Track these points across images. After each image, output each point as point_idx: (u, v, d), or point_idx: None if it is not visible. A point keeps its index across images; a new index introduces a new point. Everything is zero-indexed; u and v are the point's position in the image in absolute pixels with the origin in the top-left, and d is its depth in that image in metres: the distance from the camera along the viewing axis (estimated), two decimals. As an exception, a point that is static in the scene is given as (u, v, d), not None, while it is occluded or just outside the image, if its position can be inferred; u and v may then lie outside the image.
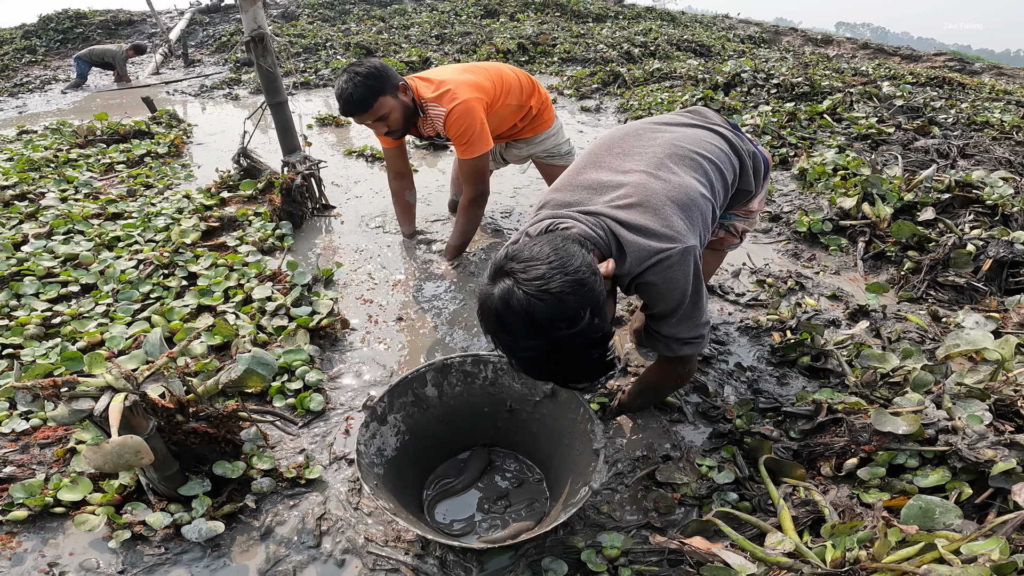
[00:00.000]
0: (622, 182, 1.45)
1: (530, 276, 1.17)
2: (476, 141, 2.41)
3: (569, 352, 1.22)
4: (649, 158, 1.51)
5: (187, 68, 8.54)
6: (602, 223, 1.37)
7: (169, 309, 2.34)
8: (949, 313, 2.31)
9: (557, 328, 1.17)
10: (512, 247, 1.26)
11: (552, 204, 1.47)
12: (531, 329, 1.17)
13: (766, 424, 1.84)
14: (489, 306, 1.21)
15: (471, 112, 2.37)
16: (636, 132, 1.63)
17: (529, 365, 1.28)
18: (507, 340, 1.23)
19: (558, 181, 1.56)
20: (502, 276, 1.21)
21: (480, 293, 1.27)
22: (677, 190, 1.43)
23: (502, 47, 7.77)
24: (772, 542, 1.44)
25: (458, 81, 2.44)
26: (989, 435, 1.60)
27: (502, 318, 1.19)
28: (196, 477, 1.62)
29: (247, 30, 3.00)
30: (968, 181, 2.92)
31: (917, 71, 6.92)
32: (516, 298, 1.16)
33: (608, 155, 1.56)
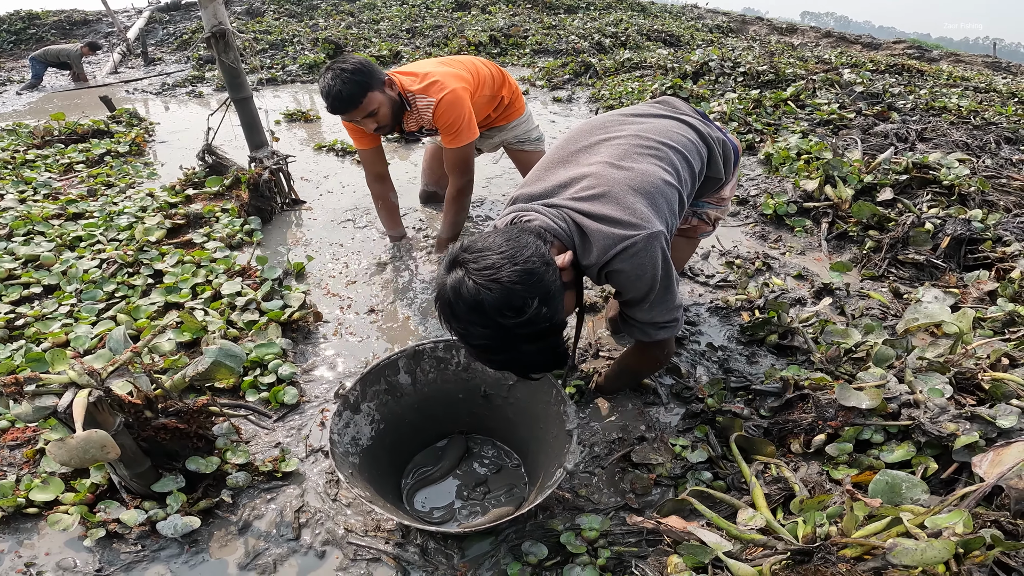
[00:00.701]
0: (585, 173, 1.47)
1: (480, 266, 1.21)
2: (464, 130, 2.43)
3: (517, 341, 1.25)
4: (613, 150, 1.53)
5: (147, 67, 8.32)
6: (564, 215, 1.40)
7: (135, 307, 2.29)
8: (910, 290, 2.39)
9: (504, 316, 1.20)
10: (468, 239, 1.30)
11: (521, 199, 1.51)
12: (479, 317, 1.21)
13: (737, 403, 1.88)
14: (443, 295, 1.25)
15: (460, 101, 2.39)
16: (603, 125, 1.65)
17: (482, 353, 1.31)
18: (459, 328, 1.26)
19: (528, 176, 1.59)
20: (455, 266, 1.25)
21: (436, 282, 1.30)
22: (640, 178, 1.44)
23: (474, 40, 7.74)
24: (744, 518, 1.47)
25: (442, 72, 2.46)
26: (950, 408, 1.63)
27: (453, 307, 1.23)
28: (169, 474, 1.60)
29: (207, 26, 2.95)
30: (925, 163, 3.02)
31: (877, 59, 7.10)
32: (466, 287, 1.20)
33: (575, 150, 1.59)
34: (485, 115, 2.73)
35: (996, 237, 2.58)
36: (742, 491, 1.63)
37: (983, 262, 2.52)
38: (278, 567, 1.51)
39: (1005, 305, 2.18)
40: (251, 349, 2.06)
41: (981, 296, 2.33)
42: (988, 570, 1.21)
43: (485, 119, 2.77)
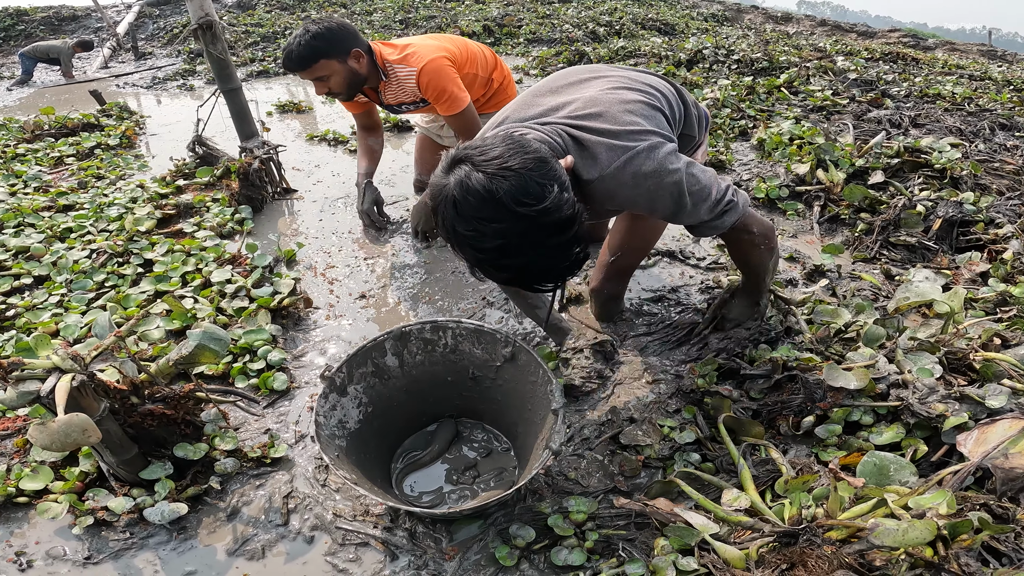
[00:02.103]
0: (577, 97, 1.43)
1: (488, 157, 1.10)
2: (457, 94, 2.39)
3: (539, 233, 1.12)
4: (604, 83, 1.51)
5: (138, 61, 8.27)
6: (558, 130, 1.33)
7: (125, 296, 2.29)
8: (902, 271, 2.38)
9: (523, 204, 1.08)
10: (464, 143, 1.21)
11: (507, 120, 1.45)
12: (494, 210, 1.08)
13: (727, 384, 1.87)
14: (445, 196, 1.12)
15: (442, 69, 2.37)
16: (591, 68, 1.65)
17: (497, 259, 1.15)
18: (467, 230, 1.12)
19: (515, 102, 1.53)
20: (457, 163, 1.13)
21: (432, 187, 1.17)
22: (632, 103, 1.41)
23: (467, 30, 7.70)
24: (728, 499, 1.46)
25: (422, 44, 2.46)
26: (939, 388, 1.62)
27: (460, 205, 1.10)
28: (157, 461, 1.59)
29: (194, 18, 2.95)
30: (917, 147, 3.01)
31: (872, 47, 7.07)
32: (475, 179, 1.09)
33: (565, 84, 1.56)
34: (475, 97, 2.71)
35: (988, 219, 2.58)
36: (731, 473, 1.62)
37: (975, 244, 2.52)
38: (266, 552, 1.51)
39: (996, 285, 2.19)
40: (240, 335, 2.06)
41: (973, 277, 2.33)
42: (976, 554, 1.20)
43: (475, 102, 2.74)
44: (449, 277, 2.58)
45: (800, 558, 1.23)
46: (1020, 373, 1.70)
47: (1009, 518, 1.27)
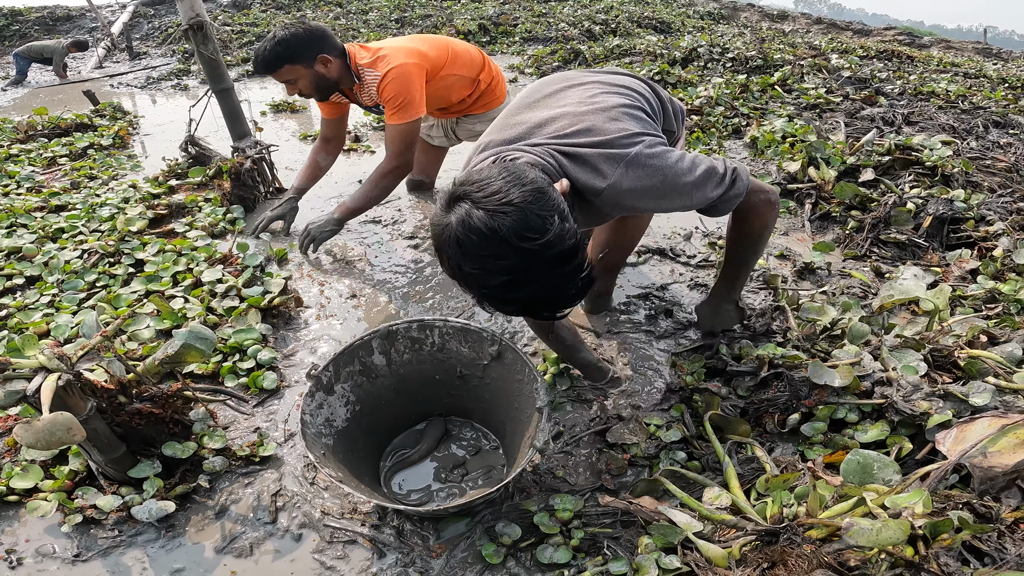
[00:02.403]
0: (559, 114, 1.43)
1: (486, 193, 1.10)
2: (407, 105, 2.38)
3: (544, 266, 1.13)
4: (581, 92, 1.51)
5: (132, 61, 8.27)
6: (550, 151, 1.34)
7: (116, 296, 2.29)
8: (892, 269, 2.39)
9: (526, 240, 1.09)
10: (460, 175, 1.20)
11: (492, 145, 1.44)
12: (497, 247, 1.09)
13: (714, 381, 1.88)
14: (448, 235, 1.12)
15: (405, 75, 2.37)
16: (564, 77, 1.65)
17: (505, 294, 1.16)
18: (473, 268, 1.13)
19: (493, 126, 1.53)
20: (457, 201, 1.13)
21: (434, 227, 1.17)
22: (614, 108, 1.42)
23: (463, 28, 7.70)
24: (709, 497, 1.46)
25: (395, 47, 2.45)
26: (924, 386, 1.61)
27: (464, 244, 1.10)
28: (146, 459, 1.60)
29: (184, 18, 2.96)
30: (908, 144, 3.02)
31: (867, 45, 7.08)
32: (476, 218, 1.08)
33: (540, 97, 1.56)
34: (460, 98, 2.71)
35: (979, 217, 2.58)
36: (717, 471, 1.62)
37: (966, 241, 2.53)
38: (254, 550, 1.52)
39: (986, 283, 2.19)
40: (230, 335, 2.06)
41: (963, 275, 2.33)
42: (957, 554, 1.19)
43: (460, 103, 2.75)
44: (439, 277, 2.58)
45: (781, 557, 1.23)
46: (1005, 370, 1.70)
47: (992, 517, 1.26)
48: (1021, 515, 1.28)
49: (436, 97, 2.65)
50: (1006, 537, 1.22)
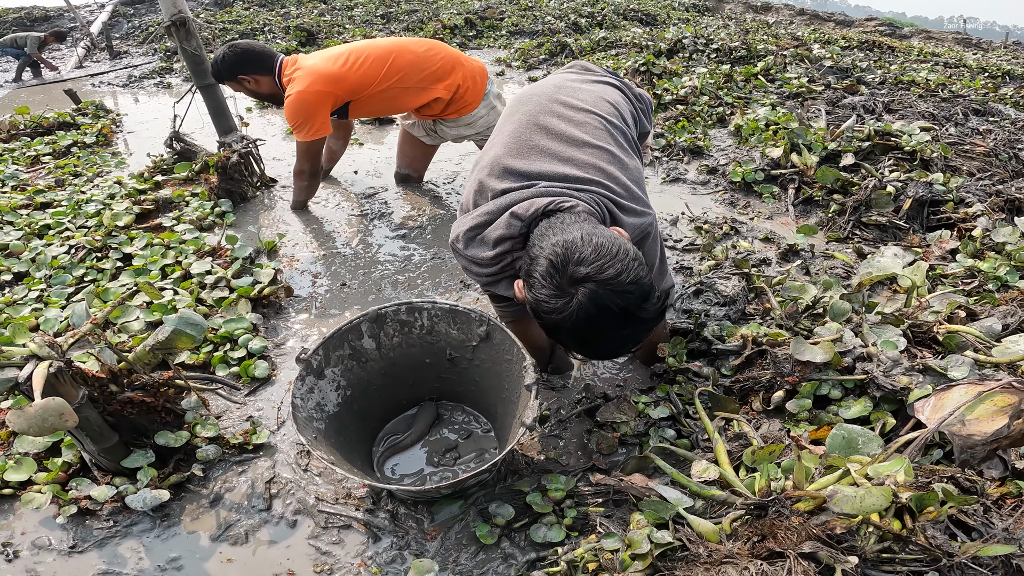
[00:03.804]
0: (588, 162, 1.47)
1: (608, 276, 1.19)
2: (302, 127, 2.63)
3: (652, 322, 1.28)
4: (593, 130, 1.55)
5: (113, 60, 8.17)
6: (599, 201, 1.41)
7: (104, 290, 2.29)
8: (874, 250, 2.43)
9: (645, 310, 1.23)
10: (560, 248, 1.23)
11: (516, 172, 1.44)
12: (628, 322, 1.23)
13: (697, 362, 1.91)
14: (579, 316, 1.20)
15: (301, 102, 2.57)
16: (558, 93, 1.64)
17: (618, 347, 1.32)
18: (597, 340, 1.25)
19: (504, 140, 1.52)
20: (576, 284, 1.20)
21: (549, 310, 1.23)
22: (634, 172, 1.54)
23: (449, 23, 7.67)
24: (697, 471, 1.48)
25: (310, 69, 2.60)
26: (903, 361, 1.63)
27: (596, 321, 1.21)
28: (139, 449, 1.60)
29: (166, 15, 2.96)
30: (887, 130, 3.07)
31: (849, 35, 7.15)
32: (607, 299, 1.19)
33: (548, 118, 1.55)
34: (416, 106, 2.77)
35: (959, 199, 2.63)
36: (706, 449, 1.64)
37: (946, 222, 2.57)
38: (250, 537, 1.53)
39: (965, 261, 2.24)
40: (220, 325, 2.07)
41: (943, 254, 2.38)
42: (944, 527, 1.21)
43: (426, 107, 2.77)
44: (428, 264, 2.60)
45: (770, 530, 1.25)
46: (984, 345, 1.74)
47: (977, 491, 1.27)
48: (1007, 490, 1.30)
49: (382, 107, 2.82)
50: (992, 512, 1.24)
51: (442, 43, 2.87)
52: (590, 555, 1.34)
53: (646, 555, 1.28)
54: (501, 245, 1.39)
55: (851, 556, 1.16)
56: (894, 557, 1.18)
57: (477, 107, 2.81)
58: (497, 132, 1.61)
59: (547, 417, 1.81)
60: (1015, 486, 1.31)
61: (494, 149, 1.52)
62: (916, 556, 1.17)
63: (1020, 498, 1.27)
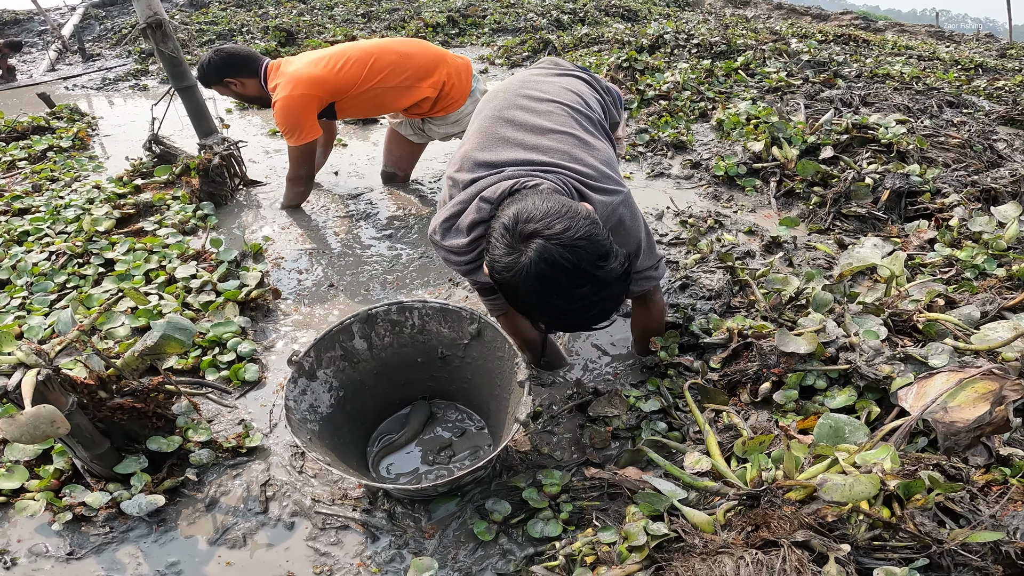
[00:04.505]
0: (547, 147, 1.51)
1: (556, 231, 1.21)
2: (292, 132, 2.65)
3: (613, 286, 1.28)
4: (557, 117, 1.59)
5: (86, 63, 8.00)
6: (564, 180, 1.44)
7: (87, 296, 2.26)
8: (854, 241, 2.48)
9: (598, 268, 1.24)
10: (512, 211, 1.27)
11: (484, 164, 1.49)
12: (579, 277, 1.23)
13: (687, 355, 1.94)
14: (528, 273, 1.22)
15: (288, 108, 2.59)
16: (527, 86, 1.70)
17: (578, 315, 1.30)
18: (555, 300, 1.25)
19: (474, 134, 1.58)
20: (527, 240, 1.23)
21: (500, 263, 1.26)
22: (602, 153, 1.56)
23: (431, 21, 7.65)
24: (689, 462, 1.50)
25: (293, 74, 2.62)
26: (885, 350, 1.66)
27: (546, 277, 1.22)
28: (131, 455, 1.60)
29: (141, 17, 2.92)
30: (864, 123, 3.13)
31: (826, 29, 7.26)
32: (556, 253, 1.21)
33: (514, 111, 1.60)
34: (404, 106, 2.77)
35: (935, 190, 2.69)
36: (698, 441, 1.66)
37: (923, 213, 2.63)
38: (248, 540, 1.53)
39: (943, 250, 2.29)
40: (208, 329, 2.05)
41: (921, 244, 2.43)
42: (932, 514, 1.23)
43: (415, 107, 2.78)
44: (416, 263, 2.60)
45: (764, 519, 1.27)
46: (963, 332, 1.78)
47: (963, 478, 1.29)
48: (992, 477, 1.32)
49: (368, 108, 2.82)
50: (979, 499, 1.26)
51: (425, 41, 2.87)
52: (587, 548, 1.35)
53: (643, 547, 1.30)
54: (475, 231, 1.43)
55: (843, 544, 1.18)
56: (885, 544, 1.20)
57: (464, 104, 2.82)
58: (468, 129, 1.67)
59: (540, 413, 1.82)
60: (1000, 473, 1.33)
61: (464, 146, 1.58)
62: (906, 543, 1.19)
63: (1006, 485, 1.29)
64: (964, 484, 1.27)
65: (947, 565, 1.16)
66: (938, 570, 1.17)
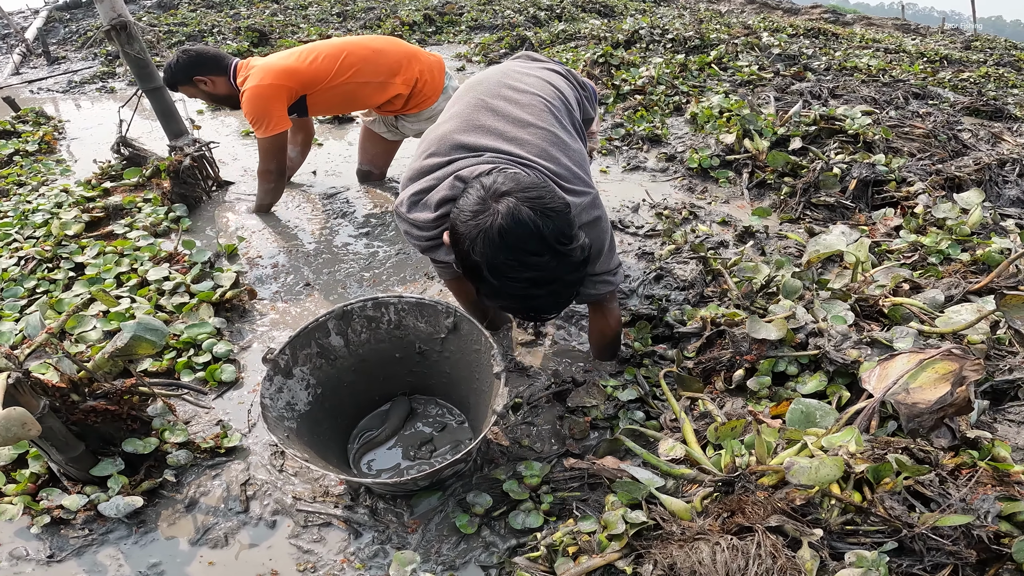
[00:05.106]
0: (523, 139, 1.52)
1: (531, 196, 1.21)
2: (260, 122, 2.60)
3: (566, 269, 1.27)
4: (538, 112, 1.60)
5: (51, 66, 7.82)
6: (539, 176, 1.44)
7: (58, 301, 2.22)
8: (824, 229, 2.54)
9: (562, 243, 1.23)
10: (490, 178, 1.28)
11: (464, 146, 1.49)
12: (538, 244, 1.21)
13: (662, 344, 1.97)
14: (490, 224, 1.21)
15: (257, 96, 2.55)
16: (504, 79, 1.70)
17: (525, 288, 1.28)
18: (508, 260, 1.23)
19: (454, 124, 1.56)
20: (500, 197, 1.22)
21: (466, 214, 1.25)
22: (576, 154, 1.57)
23: (408, 19, 7.60)
24: (664, 449, 1.52)
25: (264, 66, 2.60)
26: (852, 335, 1.69)
27: (508, 234, 1.21)
28: (107, 457, 1.58)
29: (105, 20, 2.88)
30: (832, 114, 3.20)
31: (796, 23, 7.38)
32: (524, 213, 1.20)
33: (496, 101, 1.61)
34: (378, 103, 2.76)
35: (901, 179, 2.76)
36: (675, 430, 1.68)
37: (889, 201, 2.70)
38: (230, 540, 1.52)
39: (908, 237, 2.35)
40: (182, 330, 2.03)
41: (888, 231, 2.49)
42: (901, 498, 1.24)
43: (387, 104, 2.77)
44: (393, 260, 2.60)
45: (739, 505, 1.29)
46: (928, 316, 1.83)
47: (931, 461, 1.31)
48: (961, 460, 1.34)
49: (340, 104, 2.79)
50: (949, 483, 1.27)
51: (397, 39, 2.87)
52: (569, 538, 1.37)
53: (622, 535, 1.31)
54: (443, 207, 1.42)
55: (816, 528, 1.20)
56: (857, 529, 1.22)
57: (437, 100, 2.82)
58: (446, 113, 1.66)
59: (519, 405, 1.84)
60: (969, 456, 1.35)
61: (442, 127, 1.58)
62: (878, 528, 1.21)
63: (974, 468, 1.30)
64: (933, 467, 1.29)
65: (919, 549, 1.18)
66: (911, 554, 1.18)
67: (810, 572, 1.13)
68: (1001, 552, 1.18)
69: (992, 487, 1.25)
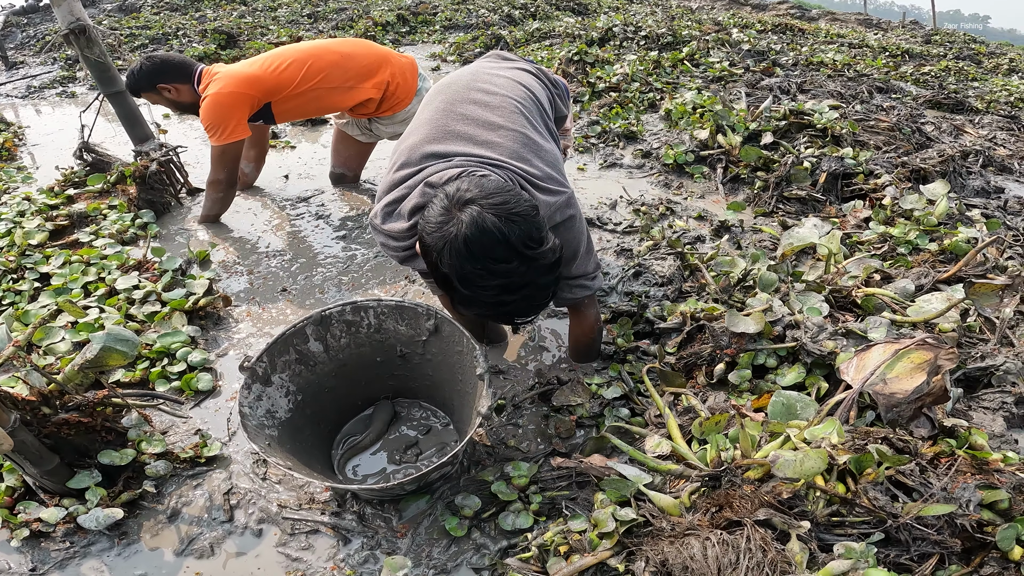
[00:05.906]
0: (495, 142, 1.51)
1: (495, 202, 1.20)
2: (217, 129, 2.56)
3: (536, 273, 1.26)
4: (509, 114, 1.59)
5: (9, 71, 7.56)
6: (511, 177, 1.43)
7: (24, 312, 2.14)
8: (796, 222, 2.59)
9: (528, 247, 1.22)
10: (455, 184, 1.27)
11: (435, 155, 1.48)
12: (505, 251, 1.20)
13: (644, 340, 1.98)
14: (455, 234, 1.20)
15: (216, 104, 2.52)
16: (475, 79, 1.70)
17: (496, 295, 1.27)
18: (476, 268, 1.22)
19: (423, 132, 1.55)
20: (465, 205, 1.21)
21: (432, 225, 1.24)
22: (549, 154, 1.57)
23: (380, 20, 7.52)
24: (650, 446, 1.53)
25: (226, 73, 2.58)
26: (827, 326, 1.72)
27: (473, 244, 1.19)
28: (83, 470, 1.54)
29: (63, 24, 2.80)
30: (800, 109, 3.27)
31: (764, 19, 7.51)
32: (489, 221, 1.19)
33: (465, 105, 1.60)
34: (348, 106, 2.73)
35: (868, 171, 2.83)
36: (659, 426, 1.68)
37: (858, 193, 2.77)
38: (216, 550, 1.50)
39: (878, 228, 2.41)
40: (155, 340, 1.98)
41: (858, 223, 2.55)
42: (884, 488, 1.26)
43: (360, 107, 2.74)
44: (371, 263, 2.57)
45: (726, 499, 1.30)
46: (900, 305, 1.87)
47: (911, 451, 1.33)
48: (939, 449, 1.37)
49: (309, 109, 2.75)
50: (929, 472, 1.30)
51: (369, 41, 2.83)
52: (559, 538, 1.37)
53: (612, 533, 1.32)
54: (416, 215, 1.41)
55: (803, 521, 1.22)
56: (843, 520, 1.24)
57: (411, 102, 2.79)
58: (416, 120, 1.64)
59: (503, 406, 1.83)
60: (947, 444, 1.37)
61: (412, 137, 1.56)
62: (863, 519, 1.23)
63: (953, 456, 1.33)
64: (913, 457, 1.31)
65: (905, 539, 1.19)
66: (897, 544, 1.20)
67: (800, 564, 1.15)
68: (985, 540, 1.20)
69: (971, 475, 1.28)
